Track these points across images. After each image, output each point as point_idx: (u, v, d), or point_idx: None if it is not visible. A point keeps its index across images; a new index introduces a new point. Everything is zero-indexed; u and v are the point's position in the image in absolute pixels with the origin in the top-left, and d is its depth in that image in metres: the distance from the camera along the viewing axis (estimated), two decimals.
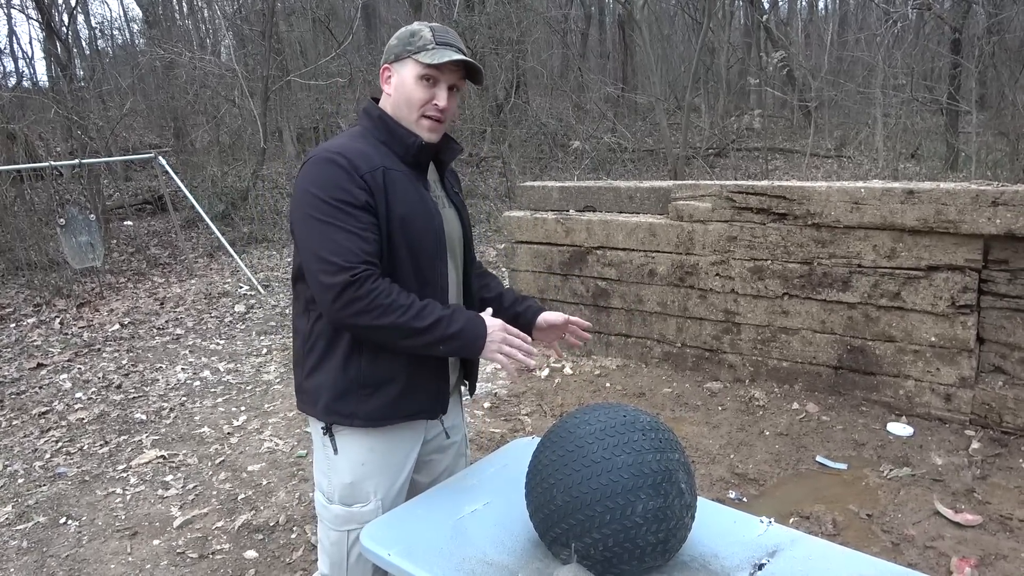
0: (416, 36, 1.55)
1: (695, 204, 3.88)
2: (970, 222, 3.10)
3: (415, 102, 1.55)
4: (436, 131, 1.59)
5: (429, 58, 1.52)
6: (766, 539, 1.48)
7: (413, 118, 1.57)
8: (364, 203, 1.47)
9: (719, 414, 3.60)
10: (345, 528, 1.67)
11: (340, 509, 1.66)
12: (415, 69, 1.54)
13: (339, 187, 1.46)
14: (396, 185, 1.53)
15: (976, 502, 2.73)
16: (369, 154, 1.53)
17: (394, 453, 1.67)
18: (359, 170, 1.48)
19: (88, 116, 8.67)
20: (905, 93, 8.78)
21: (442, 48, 1.54)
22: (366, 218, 1.47)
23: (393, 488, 1.68)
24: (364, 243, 1.45)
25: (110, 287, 6.97)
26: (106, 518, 3.08)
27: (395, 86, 1.58)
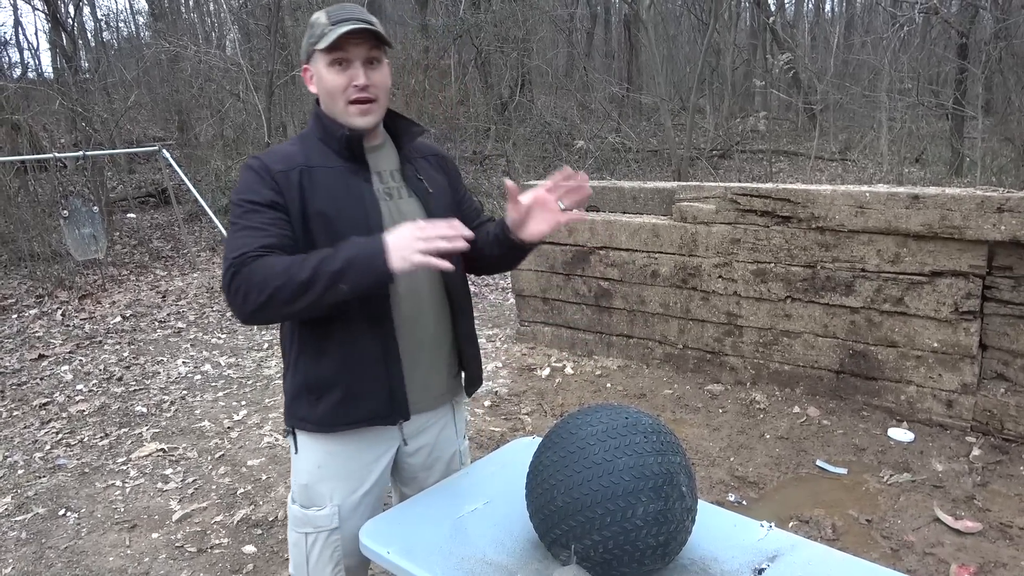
0: (314, 27, 1.50)
1: (699, 206, 3.87)
2: (975, 228, 3.10)
3: (335, 91, 1.49)
4: (369, 113, 1.51)
5: (326, 42, 1.45)
6: (766, 543, 1.47)
7: (340, 108, 1.50)
8: (270, 201, 1.45)
9: (720, 416, 3.60)
10: (302, 530, 1.62)
11: (298, 510, 1.63)
12: (322, 59, 1.48)
13: (248, 190, 1.46)
14: (318, 183, 1.49)
15: (976, 509, 2.72)
16: (292, 155, 1.51)
17: (354, 459, 1.61)
18: (270, 170, 1.47)
19: (92, 108, 8.67)
20: (911, 97, 8.76)
21: (338, 26, 1.46)
22: (270, 214, 1.44)
23: (353, 496, 1.61)
24: (262, 236, 1.41)
25: (112, 279, 6.97)
26: (105, 510, 3.08)
27: (316, 84, 1.53)
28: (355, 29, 1.44)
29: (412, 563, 1.44)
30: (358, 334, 1.52)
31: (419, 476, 1.76)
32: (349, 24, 1.45)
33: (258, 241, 1.40)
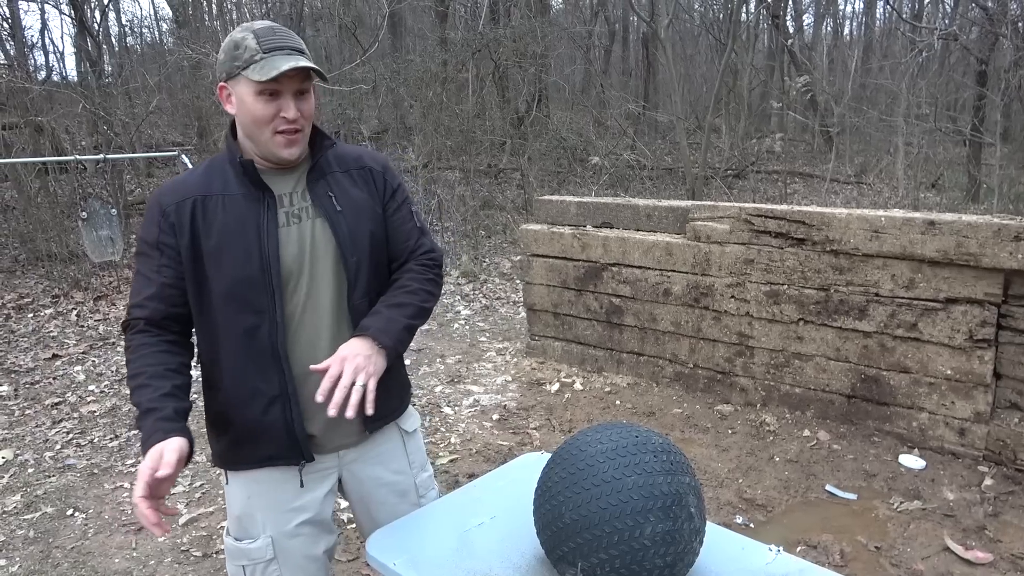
0: (241, 48, 1.37)
1: (713, 225, 3.87)
2: (991, 256, 3.08)
3: (261, 120, 1.39)
4: (295, 144, 1.44)
5: (259, 74, 1.35)
6: (774, 568, 1.46)
7: (265, 137, 1.41)
8: (156, 242, 1.43)
9: (729, 437, 3.58)
10: (238, 563, 1.57)
11: (232, 542, 1.58)
12: (249, 87, 1.37)
13: (144, 227, 1.46)
14: (213, 213, 1.43)
15: (987, 540, 2.69)
16: (189, 184, 1.46)
17: (281, 491, 1.54)
18: (161, 205, 1.43)
19: (114, 112, 8.79)
20: (928, 123, 8.73)
21: (272, 56, 1.36)
22: (157, 259, 1.43)
23: (288, 526, 1.55)
24: (147, 286, 1.44)
25: (127, 281, 7.03)
26: (113, 512, 3.10)
27: (236, 106, 1.42)
28: (294, 68, 1.36)
29: (418, 575, 1.44)
30: (249, 372, 1.47)
31: (372, 507, 1.68)
32: (286, 59, 1.36)
33: (144, 291, 1.44)
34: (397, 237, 1.61)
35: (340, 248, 1.50)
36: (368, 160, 1.62)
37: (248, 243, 1.42)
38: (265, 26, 1.40)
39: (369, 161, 1.61)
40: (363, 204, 1.55)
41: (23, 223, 7.96)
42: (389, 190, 1.61)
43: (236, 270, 1.42)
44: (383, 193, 1.60)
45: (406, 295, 1.55)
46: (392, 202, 1.61)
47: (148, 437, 1.31)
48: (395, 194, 1.62)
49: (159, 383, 1.36)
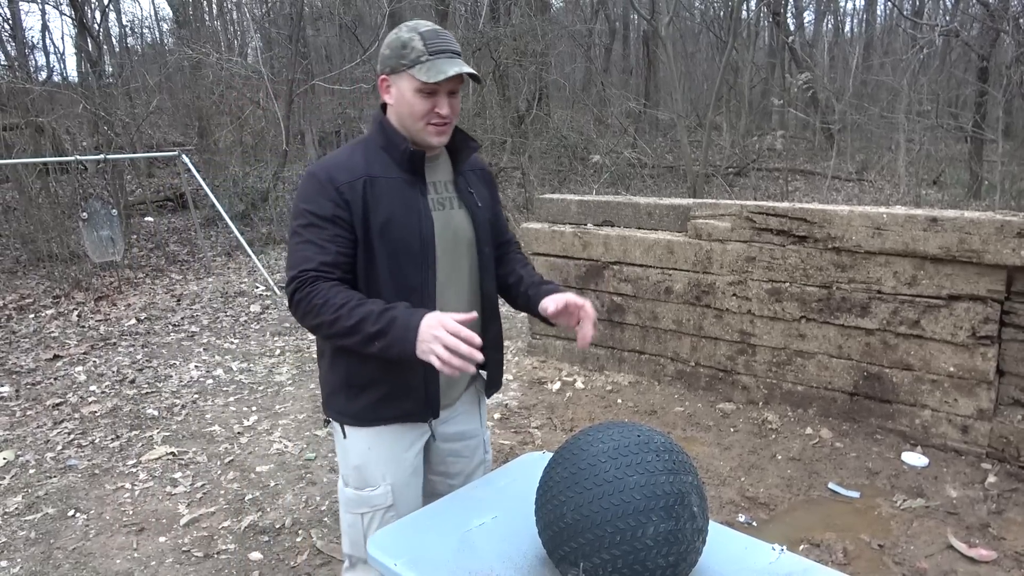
0: (408, 48, 1.53)
1: (714, 223, 3.86)
2: (994, 252, 3.06)
3: (417, 114, 1.57)
4: (444, 134, 1.62)
5: (425, 75, 1.51)
6: (777, 567, 1.46)
7: (418, 127, 1.59)
8: (331, 215, 1.53)
9: (731, 436, 3.57)
10: (357, 511, 1.72)
11: (351, 492, 1.72)
12: (412, 84, 1.54)
13: (311, 200, 1.54)
14: (381, 193, 1.57)
15: (991, 537, 2.68)
16: (356, 165, 1.58)
17: (398, 443, 1.71)
18: (335, 182, 1.54)
19: (115, 112, 8.79)
20: (930, 119, 8.71)
21: (437, 59, 1.52)
22: (331, 229, 1.53)
23: (402, 475, 1.72)
24: (322, 253, 1.52)
25: (128, 282, 7.04)
26: (114, 512, 3.09)
27: (395, 97, 1.59)
28: (458, 74, 1.52)
29: (419, 575, 1.43)
30: None
31: (447, 462, 1.85)
32: (449, 63, 1.52)
33: (319, 257, 1.51)
34: (499, 230, 1.85)
35: (477, 237, 1.71)
36: (484, 164, 1.85)
37: (410, 223, 1.59)
38: (430, 29, 1.55)
39: (484, 165, 1.85)
40: (488, 201, 1.78)
41: (24, 224, 7.97)
42: (494, 192, 1.85)
43: (400, 245, 1.58)
44: (495, 194, 1.85)
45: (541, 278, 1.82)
46: (497, 202, 1.86)
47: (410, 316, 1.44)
48: (497, 195, 1.87)
49: (380, 304, 1.48)
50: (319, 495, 3.17)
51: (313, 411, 4.05)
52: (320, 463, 3.46)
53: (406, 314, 1.45)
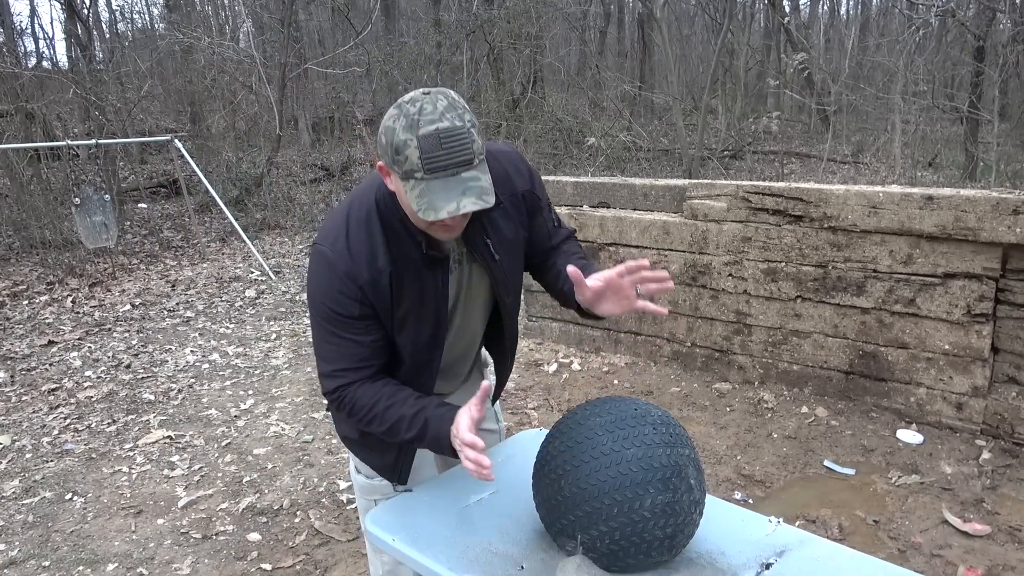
0: (401, 154, 1.20)
1: (710, 203, 3.85)
2: (989, 230, 3.07)
3: (418, 221, 1.32)
4: (452, 232, 1.35)
5: (416, 202, 1.21)
6: (774, 539, 1.46)
7: (421, 227, 1.35)
8: (357, 315, 1.39)
9: (727, 415, 3.58)
10: (371, 498, 1.70)
11: (363, 480, 1.70)
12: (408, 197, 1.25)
13: (331, 298, 1.37)
14: (402, 283, 1.40)
15: (985, 512, 2.70)
16: (375, 254, 1.37)
17: None
18: (357, 280, 1.36)
19: (106, 97, 8.71)
20: (926, 100, 8.69)
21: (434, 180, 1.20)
22: (359, 324, 1.40)
23: (422, 465, 1.69)
24: (351, 354, 1.43)
25: (122, 268, 7.01)
26: (111, 496, 3.09)
27: (396, 189, 1.31)
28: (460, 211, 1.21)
29: (418, 551, 1.43)
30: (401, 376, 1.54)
31: None
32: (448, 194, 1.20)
33: (351, 359, 1.42)
34: (538, 241, 1.61)
35: (497, 291, 1.56)
36: (515, 179, 1.51)
37: (428, 311, 1.46)
38: (431, 132, 1.18)
39: (516, 180, 1.51)
40: (516, 240, 1.54)
41: (16, 211, 7.91)
42: (534, 208, 1.57)
43: (416, 332, 1.47)
44: (530, 213, 1.56)
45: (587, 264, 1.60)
46: (536, 217, 1.58)
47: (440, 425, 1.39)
48: (538, 207, 1.58)
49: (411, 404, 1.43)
50: (317, 477, 3.17)
51: (310, 394, 4.04)
52: (317, 445, 3.47)
53: (436, 423, 1.40)
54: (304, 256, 7.57)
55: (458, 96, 1.26)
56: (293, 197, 9.48)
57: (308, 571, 2.54)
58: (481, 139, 1.25)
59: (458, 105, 1.22)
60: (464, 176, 1.22)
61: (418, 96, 1.22)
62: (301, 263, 7.28)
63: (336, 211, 1.44)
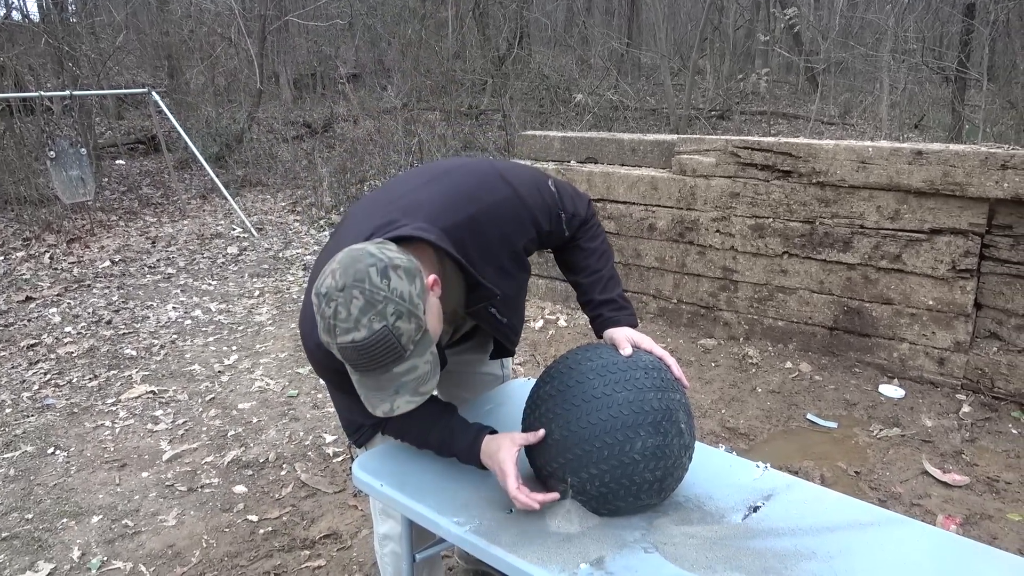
0: (332, 351, 1.18)
1: (699, 159, 3.82)
2: (977, 185, 3.06)
3: None
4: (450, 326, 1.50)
5: (358, 389, 1.21)
6: (761, 483, 1.47)
7: None
8: None
9: (712, 370, 3.60)
10: None
11: None
12: None
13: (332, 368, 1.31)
14: None
15: (964, 464, 2.74)
16: None
17: None
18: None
19: (79, 48, 8.44)
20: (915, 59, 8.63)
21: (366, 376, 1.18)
22: None
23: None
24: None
25: (101, 224, 6.88)
26: (95, 450, 3.07)
27: None
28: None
29: (405, 496, 1.43)
30: None
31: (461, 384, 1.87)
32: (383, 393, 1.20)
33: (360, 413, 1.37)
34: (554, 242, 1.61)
35: (504, 342, 1.66)
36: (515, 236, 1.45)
37: None
38: (347, 344, 1.13)
39: (516, 237, 1.46)
40: (520, 286, 1.58)
41: None
42: (545, 242, 1.57)
43: None
44: (541, 244, 1.57)
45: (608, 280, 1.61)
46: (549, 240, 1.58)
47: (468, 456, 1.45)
48: (549, 236, 1.55)
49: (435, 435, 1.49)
50: (302, 431, 3.16)
51: (295, 350, 4.02)
52: (303, 400, 3.45)
53: (464, 456, 1.46)
54: (287, 213, 7.47)
55: (378, 276, 1.13)
56: (275, 154, 9.32)
57: (295, 522, 2.54)
58: (412, 323, 1.15)
59: (377, 298, 1.11)
60: (396, 371, 1.17)
61: (332, 292, 1.12)
62: (284, 220, 7.18)
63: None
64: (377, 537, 1.78)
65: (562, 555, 1.23)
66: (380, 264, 1.13)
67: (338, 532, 2.47)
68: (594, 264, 1.60)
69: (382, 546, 1.77)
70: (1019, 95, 7.93)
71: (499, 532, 1.30)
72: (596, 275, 1.59)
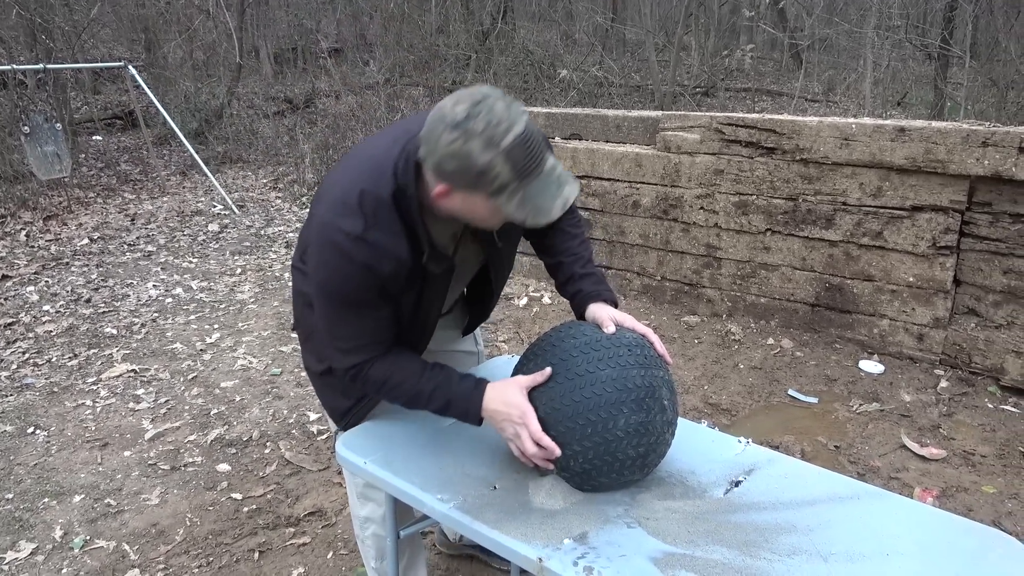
0: (489, 175, 1.14)
1: (683, 135, 3.81)
2: (958, 162, 3.08)
3: (479, 223, 1.31)
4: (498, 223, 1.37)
5: (521, 212, 1.18)
6: (743, 458, 1.48)
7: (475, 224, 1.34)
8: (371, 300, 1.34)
9: (695, 347, 3.62)
10: None
11: None
12: (490, 210, 1.21)
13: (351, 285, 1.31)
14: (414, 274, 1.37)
15: (941, 437, 2.79)
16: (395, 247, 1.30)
17: None
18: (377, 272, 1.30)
19: (52, 20, 8.24)
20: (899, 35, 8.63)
21: (532, 182, 1.16)
22: (373, 306, 1.36)
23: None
24: (372, 324, 1.38)
25: (78, 201, 6.76)
26: (75, 429, 3.04)
27: (455, 209, 1.26)
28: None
29: (391, 473, 1.42)
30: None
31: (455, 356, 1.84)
32: (547, 189, 1.18)
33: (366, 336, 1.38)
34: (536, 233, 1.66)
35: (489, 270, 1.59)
36: None
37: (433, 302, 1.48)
38: (513, 142, 1.12)
39: None
40: (513, 244, 1.59)
41: None
42: None
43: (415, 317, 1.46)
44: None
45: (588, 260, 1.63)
46: None
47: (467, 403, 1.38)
48: None
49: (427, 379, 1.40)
50: (286, 409, 3.15)
51: (277, 328, 3.99)
52: (286, 378, 3.44)
53: (461, 404, 1.38)
54: (268, 189, 7.38)
55: (489, 86, 1.19)
56: (256, 130, 9.18)
57: (279, 500, 2.54)
58: None
59: (504, 94, 1.16)
60: (550, 162, 1.19)
61: (469, 109, 1.13)
62: (265, 197, 7.10)
63: (343, 187, 1.31)
64: (358, 520, 1.78)
65: (546, 530, 1.24)
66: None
67: (323, 509, 2.48)
68: (575, 247, 1.62)
69: (363, 529, 1.77)
70: (1001, 72, 7.97)
71: (483, 509, 1.31)
72: (577, 256, 1.61)
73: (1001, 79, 7.88)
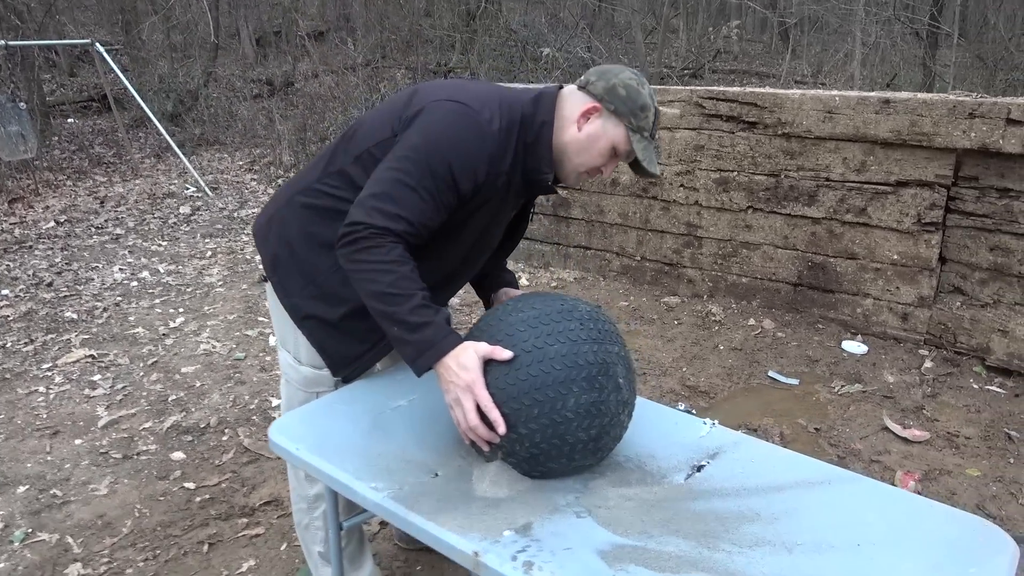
0: (645, 113, 1.38)
1: (663, 110, 3.66)
2: (944, 135, 2.97)
3: (590, 162, 1.42)
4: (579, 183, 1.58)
5: (643, 153, 1.39)
6: (708, 441, 1.37)
7: (572, 167, 1.43)
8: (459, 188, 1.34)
9: (674, 328, 3.52)
10: (314, 390, 1.58)
11: (309, 371, 1.56)
12: (621, 140, 1.39)
13: (462, 162, 1.32)
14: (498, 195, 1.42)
15: (925, 419, 2.70)
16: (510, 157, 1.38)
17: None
18: (495, 167, 1.36)
19: None
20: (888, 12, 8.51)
21: (652, 142, 1.42)
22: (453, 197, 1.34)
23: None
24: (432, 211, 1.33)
25: (47, 184, 6.58)
26: (26, 416, 2.91)
27: (587, 133, 1.39)
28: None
29: (322, 459, 1.31)
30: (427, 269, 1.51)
31: None
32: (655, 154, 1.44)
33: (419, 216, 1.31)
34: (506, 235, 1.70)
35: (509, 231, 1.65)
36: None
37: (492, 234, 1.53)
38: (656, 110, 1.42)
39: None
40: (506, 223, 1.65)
41: None
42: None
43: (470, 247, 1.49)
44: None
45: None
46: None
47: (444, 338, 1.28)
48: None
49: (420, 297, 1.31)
50: (248, 394, 3.03)
51: (244, 311, 3.86)
52: (250, 363, 3.31)
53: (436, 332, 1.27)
54: (244, 172, 7.21)
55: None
56: (234, 112, 8.98)
57: (234, 489, 2.42)
58: None
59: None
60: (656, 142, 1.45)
61: (641, 76, 1.43)
62: (240, 179, 6.93)
63: (485, 92, 1.41)
64: (306, 501, 1.67)
65: (486, 521, 1.12)
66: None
67: (279, 499, 2.36)
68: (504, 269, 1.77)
69: (312, 509, 1.66)
70: (989, 51, 7.87)
71: (421, 498, 1.19)
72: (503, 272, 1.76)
73: (990, 57, 7.78)
